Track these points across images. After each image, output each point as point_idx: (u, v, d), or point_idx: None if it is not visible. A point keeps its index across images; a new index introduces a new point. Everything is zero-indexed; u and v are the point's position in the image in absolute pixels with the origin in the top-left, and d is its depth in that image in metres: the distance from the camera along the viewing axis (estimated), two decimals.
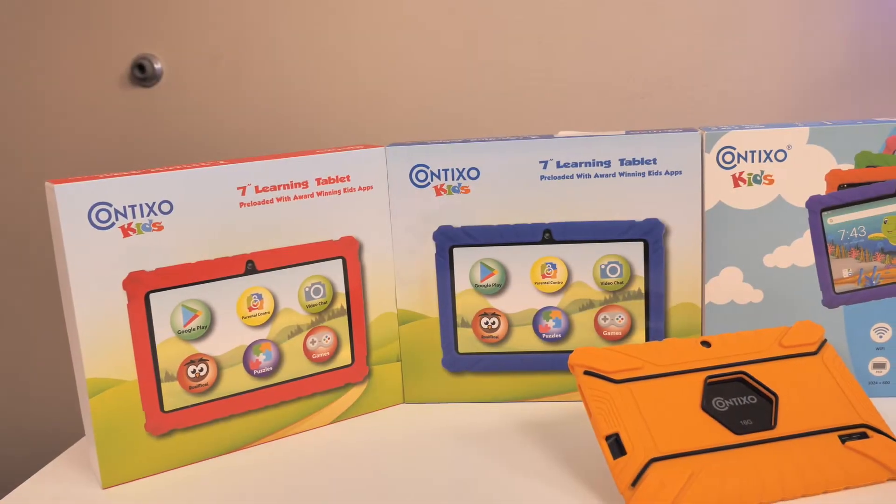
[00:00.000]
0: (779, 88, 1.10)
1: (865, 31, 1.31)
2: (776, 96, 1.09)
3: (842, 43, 1.27)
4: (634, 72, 1.04)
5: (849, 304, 0.64)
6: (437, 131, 1.01)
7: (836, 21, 1.22)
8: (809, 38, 1.17)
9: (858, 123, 0.62)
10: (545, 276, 0.65)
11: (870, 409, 0.56)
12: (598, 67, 1.03)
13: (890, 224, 0.62)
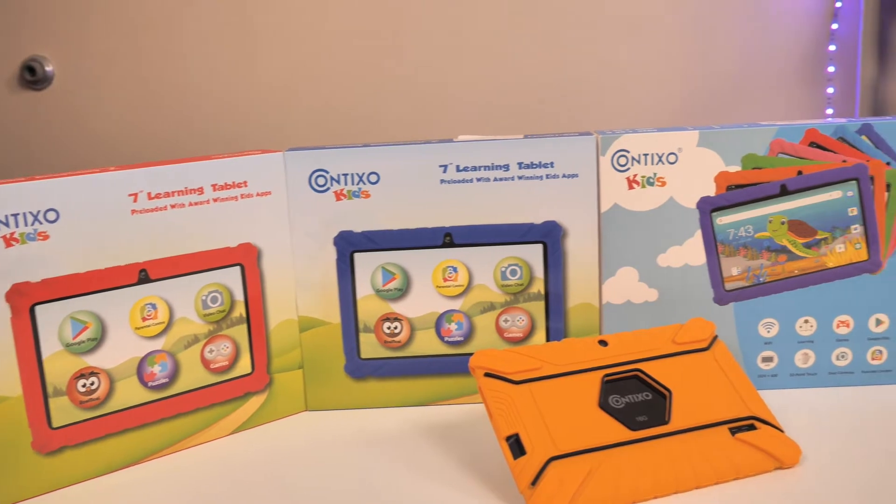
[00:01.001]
0: (672, 93, 1.13)
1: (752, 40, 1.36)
2: (670, 100, 1.13)
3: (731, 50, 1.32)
4: (533, 77, 1.06)
5: (738, 300, 0.66)
6: (336, 136, 1.00)
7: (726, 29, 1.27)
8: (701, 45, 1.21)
9: (744, 127, 0.65)
10: (447, 279, 0.65)
11: (758, 401, 0.58)
12: (498, 73, 1.04)
13: (774, 223, 0.65)
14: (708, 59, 1.17)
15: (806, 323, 0.67)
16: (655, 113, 1.12)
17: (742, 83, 1.25)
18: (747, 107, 1.41)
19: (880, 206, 0.65)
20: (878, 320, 0.66)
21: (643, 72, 1.11)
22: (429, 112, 1.00)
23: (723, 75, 1.27)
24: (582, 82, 1.08)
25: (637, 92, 1.11)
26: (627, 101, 1.11)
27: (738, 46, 1.37)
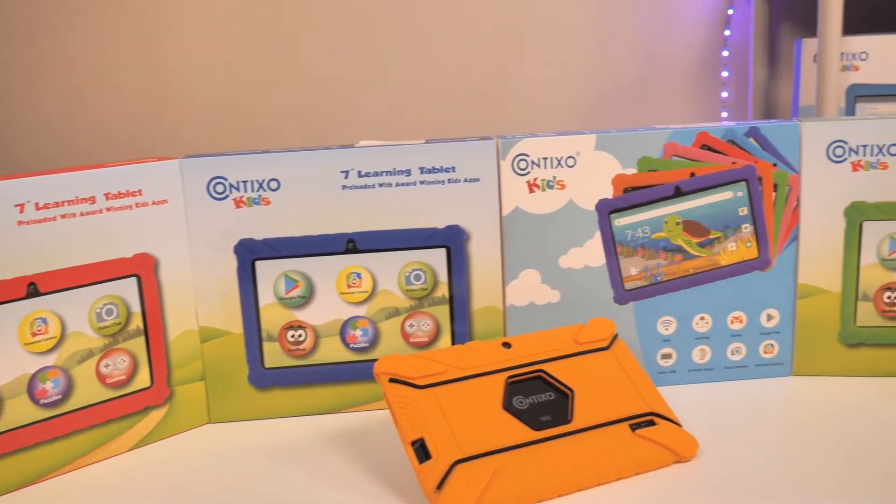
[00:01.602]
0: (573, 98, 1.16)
1: (650, 46, 1.40)
2: (571, 105, 1.15)
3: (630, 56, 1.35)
4: (434, 82, 1.06)
5: (637, 300, 0.68)
6: (235, 143, 0.99)
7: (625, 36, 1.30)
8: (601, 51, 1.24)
9: (639, 131, 0.66)
10: (350, 285, 0.65)
11: (657, 398, 0.60)
12: (399, 78, 1.04)
13: (670, 224, 0.67)
14: (608, 64, 1.20)
15: (702, 320, 0.69)
16: (557, 117, 1.14)
17: (641, 88, 1.28)
18: (647, 110, 1.45)
19: (768, 205, 0.67)
20: (769, 315, 0.69)
21: (544, 77, 1.13)
22: (329, 118, 1.00)
23: (623, 80, 1.30)
24: (483, 88, 1.09)
25: (538, 97, 1.13)
26: (528, 106, 1.13)
27: (636, 52, 1.40)
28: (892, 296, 0.68)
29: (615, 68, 1.31)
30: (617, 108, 1.37)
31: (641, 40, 1.43)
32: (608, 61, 1.30)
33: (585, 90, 1.16)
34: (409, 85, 1.03)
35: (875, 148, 0.66)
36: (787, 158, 0.67)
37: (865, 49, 1.27)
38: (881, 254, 0.67)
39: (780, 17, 1.53)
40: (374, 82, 1.02)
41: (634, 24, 1.38)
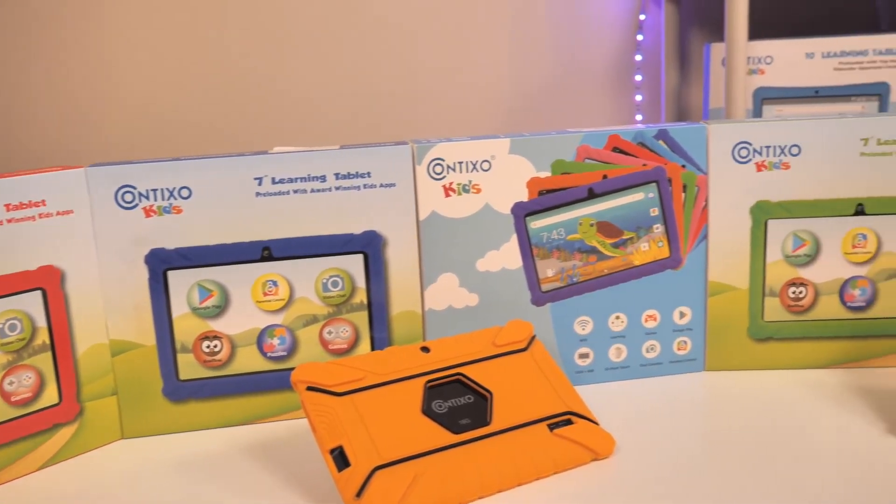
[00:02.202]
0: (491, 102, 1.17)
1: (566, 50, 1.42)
2: (489, 109, 1.16)
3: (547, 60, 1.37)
4: (349, 87, 1.06)
5: (554, 301, 0.69)
6: (143, 151, 0.96)
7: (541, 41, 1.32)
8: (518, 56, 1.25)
9: (553, 134, 0.67)
10: (267, 294, 0.64)
11: (574, 397, 0.60)
12: (313, 83, 1.03)
13: (584, 225, 0.68)
14: (525, 69, 1.22)
15: (617, 319, 0.70)
16: (475, 122, 1.15)
17: (558, 92, 1.30)
18: (564, 114, 1.48)
19: (678, 206, 0.69)
20: (681, 313, 0.71)
21: (461, 82, 1.14)
22: (242, 124, 0.98)
23: (540, 85, 1.32)
24: (400, 93, 1.09)
25: (455, 102, 1.14)
26: (446, 112, 1.13)
27: (552, 57, 1.43)
28: (797, 291, 0.70)
29: (532, 73, 1.33)
30: (535, 113, 1.39)
31: (557, 45, 1.45)
32: (525, 66, 1.31)
33: (503, 95, 1.17)
34: (324, 90, 1.02)
35: (777, 148, 0.68)
36: (694, 160, 0.68)
37: (770, 53, 1.32)
38: (785, 251, 0.69)
39: (690, 23, 1.57)
40: (288, 88, 1.00)
41: (549, 30, 1.40)
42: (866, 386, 0.67)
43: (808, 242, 0.69)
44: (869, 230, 0.69)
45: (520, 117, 1.21)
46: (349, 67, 1.04)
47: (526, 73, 1.23)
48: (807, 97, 1.33)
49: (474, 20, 1.24)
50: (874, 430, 0.60)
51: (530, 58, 1.32)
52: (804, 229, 0.69)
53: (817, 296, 0.70)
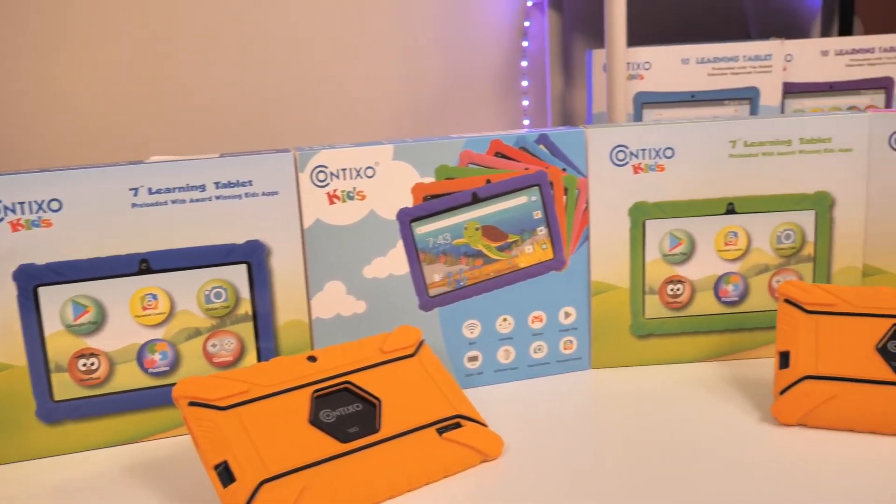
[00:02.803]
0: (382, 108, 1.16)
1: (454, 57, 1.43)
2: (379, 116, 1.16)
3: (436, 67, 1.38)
4: (232, 94, 1.04)
5: (442, 305, 0.69)
6: (14, 163, 0.92)
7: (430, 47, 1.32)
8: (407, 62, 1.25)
9: (436, 140, 0.68)
10: (146, 307, 0.62)
11: (462, 400, 0.61)
12: (192, 90, 1.01)
13: (469, 230, 0.69)
14: (413, 76, 1.22)
15: (505, 321, 0.71)
16: (365, 129, 1.15)
17: (447, 98, 1.31)
18: (454, 120, 1.49)
19: (560, 208, 0.71)
20: (566, 313, 0.72)
21: (349, 89, 1.13)
22: (117, 133, 0.95)
23: (429, 91, 1.33)
24: (286, 100, 1.07)
25: (345, 109, 1.13)
26: (335, 119, 1.13)
27: (441, 63, 1.44)
28: (674, 288, 0.73)
29: (421, 79, 1.33)
30: (426, 118, 1.39)
31: (445, 52, 1.46)
32: (414, 73, 1.32)
33: (392, 102, 1.18)
34: (204, 98, 1.00)
35: (652, 151, 0.70)
36: (574, 163, 0.70)
37: (648, 59, 1.36)
38: (663, 249, 0.72)
39: (573, 29, 1.61)
40: (165, 95, 0.98)
41: (437, 37, 1.41)
42: (741, 377, 0.70)
43: (683, 241, 0.72)
44: (740, 228, 0.72)
45: (411, 123, 1.22)
46: (233, 74, 1.02)
47: (415, 79, 1.23)
48: (684, 101, 1.38)
49: (361, 27, 1.24)
50: (749, 419, 0.63)
51: (419, 64, 1.33)
52: (680, 228, 0.72)
53: (694, 292, 0.73)
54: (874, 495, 0.52)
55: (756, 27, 1.75)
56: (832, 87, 1.47)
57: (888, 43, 1.46)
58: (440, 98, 1.40)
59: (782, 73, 1.41)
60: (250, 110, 1.04)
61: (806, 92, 1.46)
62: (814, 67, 1.45)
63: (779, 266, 0.73)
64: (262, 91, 1.04)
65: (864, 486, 0.53)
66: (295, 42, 1.09)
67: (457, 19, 1.48)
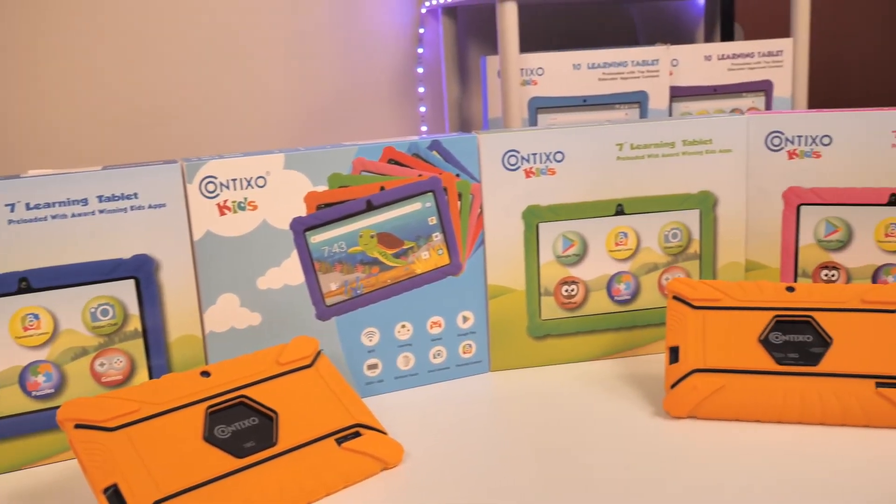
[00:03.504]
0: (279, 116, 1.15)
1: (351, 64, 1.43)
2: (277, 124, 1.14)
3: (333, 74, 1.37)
4: (119, 104, 1.01)
5: (339, 314, 0.69)
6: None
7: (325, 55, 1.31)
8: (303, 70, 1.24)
9: (328, 148, 0.67)
10: (27, 328, 0.60)
11: (361, 409, 0.60)
12: (74, 100, 0.97)
13: (365, 237, 0.68)
14: (310, 84, 1.21)
15: (403, 328, 0.71)
16: (262, 137, 1.13)
17: (345, 106, 1.30)
18: (352, 127, 1.48)
19: (455, 214, 0.71)
20: (464, 317, 0.73)
21: (242, 97, 1.11)
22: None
23: (327, 98, 1.32)
24: (177, 109, 1.05)
25: (239, 118, 1.11)
26: (226, 127, 1.10)
27: (338, 71, 1.43)
28: (569, 289, 0.74)
29: (315, 87, 1.32)
30: (320, 127, 1.38)
31: (341, 59, 1.46)
32: (310, 80, 1.31)
33: (285, 110, 1.16)
34: (84, 106, 0.96)
35: (543, 156, 0.72)
36: (468, 169, 0.71)
37: (541, 65, 1.39)
38: (556, 251, 0.73)
39: (468, 36, 1.63)
40: (42, 105, 0.94)
41: (331, 44, 1.40)
42: (634, 373, 0.72)
43: (576, 243, 0.73)
44: (629, 228, 0.74)
45: (305, 132, 1.20)
46: (116, 81, 0.99)
47: (309, 86, 1.22)
48: (576, 106, 1.42)
49: (252, 33, 1.22)
50: (643, 414, 0.65)
51: (313, 71, 1.32)
52: (572, 231, 0.73)
53: (588, 292, 0.75)
54: (761, 480, 0.54)
55: (644, 33, 1.81)
56: (716, 91, 1.53)
57: (766, 48, 1.53)
58: (336, 105, 1.39)
59: (669, 78, 1.46)
60: (135, 120, 1.01)
61: (692, 95, 1.52)
62: (698, 72, 1.51)
63: (667, 264, 0.75)
64: (147, 99, 1.01)
65: (752, 471, 0.55)
66: (183, 48, 1.06)
67: (351, 26, 1.48)
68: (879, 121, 0.71)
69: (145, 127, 1.00)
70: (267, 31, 1.30)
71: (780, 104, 1.54)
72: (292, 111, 1.17)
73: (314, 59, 1.21)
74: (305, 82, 1.21)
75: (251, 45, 1.14)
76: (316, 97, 1.22)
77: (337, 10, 1.44)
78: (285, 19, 1.35)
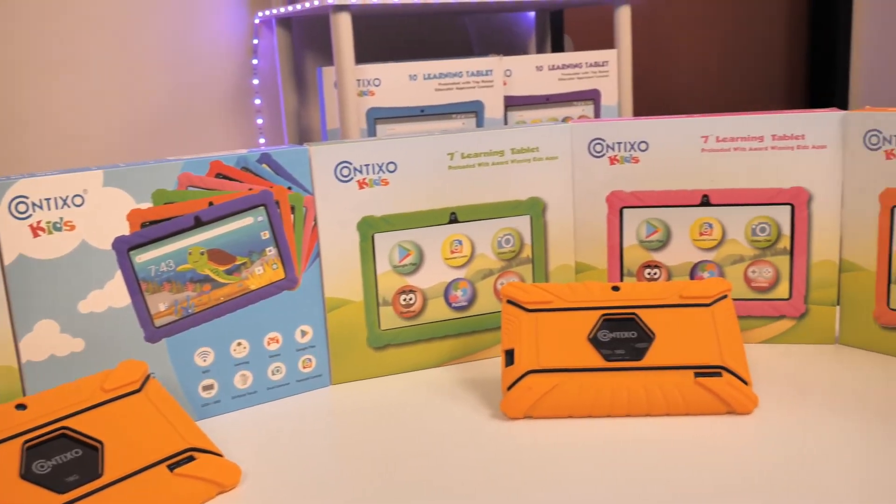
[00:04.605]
0: (102, 133, 1.10)
1: (182, 76, 1.38)
2: (101, 140, 1.09)
3: (163, 87, 1.32)
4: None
5: (170, 335, 0.66)
6: None
7: (155, 67, 1.27)
8: (130, 84, 1.19)
9: (151, 163, 0.65)
10: None
11: (195, 432, 0.58)
12: None
13: (194, 255, 0.66)
14: (141, 97, 1.16)
15: (239, 346, 0.69)
16: (84, 155, 1.08)
17: (179, 119, 1.26)
18: (187, 141, 1.44)
19: (288, 227, 0.70)
20: (303, 331, 0.72)
21: (60, 113, 1.06)
22: None
23: (159, 112, 1.27)
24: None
25: (56, 134, 1.05)
26: (43, 145, 1.05)
27: (167, 82, 1.38)
28: (407, 298, 0.75)
29: (143, 102, 1.27)
30: (152, 142, 1.33)
31: (170, 72, 1.41)
32: (135, 95, 1.26)
33: (111, 126, 1.11)
34: None
35: (376, 167, 0.72)
36: (300, 181, 0.70)
37: (378, 76, 1.40)
38: (393, 261, 0.74)
39: (304, 46, 1.62)
40: None
41: (160, 56, 1.36)
42: (474, 377, 0.74)
43: (412, 252, 0.74)
44: (463, 236, 0.75)
45: (134, 147, 1.16)
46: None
47: (137, 101, 1.17)
48: (414, 116, 1.43)
49: (72, 44, 1.16)
50: (481, 417, 0.66)
51: (141, 85, 1.27)
52: (408, 240, 0.74)
53: (426, 300, 0.75)
54: (594, 473, 0.56)
55: (479, 45, 1.86)
56: (548, 100, 1.59)
57: (593, 59, 1.60)
58: (166, 119, 1.35)
59: (503, 88, 1.51)
60: None
61: (525, 104, 1.57)
62: (531, 82, 1.56)
63: (501, 269, 0.77)
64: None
65: (585, 465, 0.57)
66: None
67: (181, 37, 1.43)
68: (690, 127, 0.76)
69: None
70: (86, 41, 1.24)
71: (608, 112, 1.61)
72: (117, 126, 1.12)
73: (140, 72, 1.16)
74: (131, 97, 1.16)
75: (69, 58, 1.08)
76: (142, 113, 1.17)
77: (165, 20, 1.40)
78: (108, 30, 1.29)
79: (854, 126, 0.73)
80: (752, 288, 0.77)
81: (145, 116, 1.16)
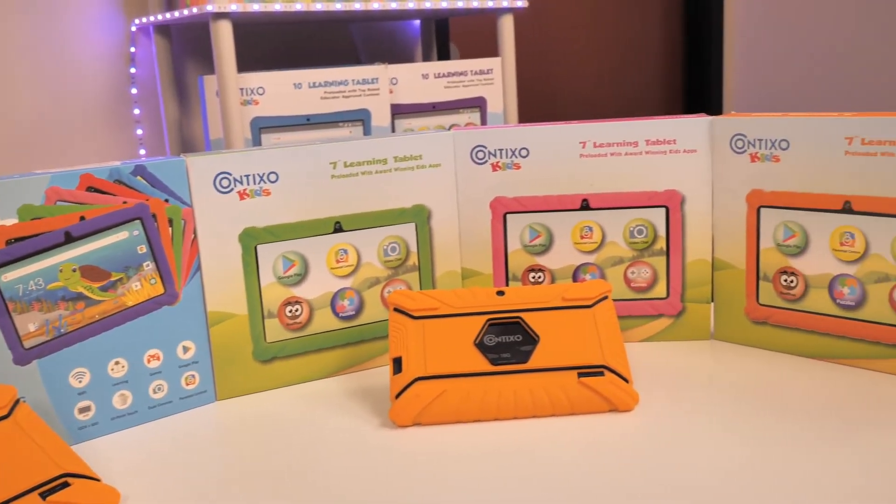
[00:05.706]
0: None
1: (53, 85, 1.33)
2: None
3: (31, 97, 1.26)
4: None
5: (41, 356, 0.63)
6: None
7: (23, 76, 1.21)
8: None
9: (15, 178, 0.62)
10: None
11: (70, 457, 0.56)
12: None
13: (66, 272, 0.64)
14: (5, 108, 1.11)
15: (117, 364, 0.67)
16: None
17: (50, 130, 1.21)
18: (60, 153, 1.38)
19: (167, 240, 0.68)
20: (185, 347, 0.70)
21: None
22: None
23: (30, 123, 1.21)
24: None
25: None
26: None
27: (38, 94, 1.32)
28: (293, 309, 0.74)
29: (16, 113, 1.21)
30: (24, 155, 1.27)
31: (43, 83, 1.35)
32: (7, 106, 1.20)
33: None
34: None
35: (257, 177, 0.71)
36: (177, 193, 0.68)
37: (262, 84, 1.37)
38: (277, 273, 0.73)
39: (184, 54, 1.58)
40: None
41: (30, 66, 1.30)
42: (363, 387, 0.73)
43: (296, 263, 0.73)
44: (348, 245, 0.75)
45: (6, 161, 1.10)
46: None
47: (7, 112, 1.12)
48: (300, 125, 1.42)
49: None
50: (370, 427, 0.66)
51: (11, 97, 1.21)
52: (292, 251, 0.73)
53: (312, 311, 0.74)
54: (483, 476, 0.57)
55: (365, 53, 1.85)
56: (435, 107, 1.60)
57: (478, 66, 1.62)
58: (37, 133, 1.29)
59: (389, 96, 1.51)
60: None
61: (412, 112, 1.58)
62: (417, 89, 1.57)
63: (388, 277, 0.77)
64: None
65: (473, 469, 0.58)
66: None
67: (52, 45, 1.37)
68: (569, 133, 0.78)
69: None
70: None
71: (495, 119, 1.64)
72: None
73: (6, 80, 1.11)
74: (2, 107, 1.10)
75: None
76: (9, 124, 1.12)
77: (32, 27, 1.34)
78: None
79: (721, 131, 0.76)
80: (632, 288, 0.80)
81: (13, 129, 1.11)
